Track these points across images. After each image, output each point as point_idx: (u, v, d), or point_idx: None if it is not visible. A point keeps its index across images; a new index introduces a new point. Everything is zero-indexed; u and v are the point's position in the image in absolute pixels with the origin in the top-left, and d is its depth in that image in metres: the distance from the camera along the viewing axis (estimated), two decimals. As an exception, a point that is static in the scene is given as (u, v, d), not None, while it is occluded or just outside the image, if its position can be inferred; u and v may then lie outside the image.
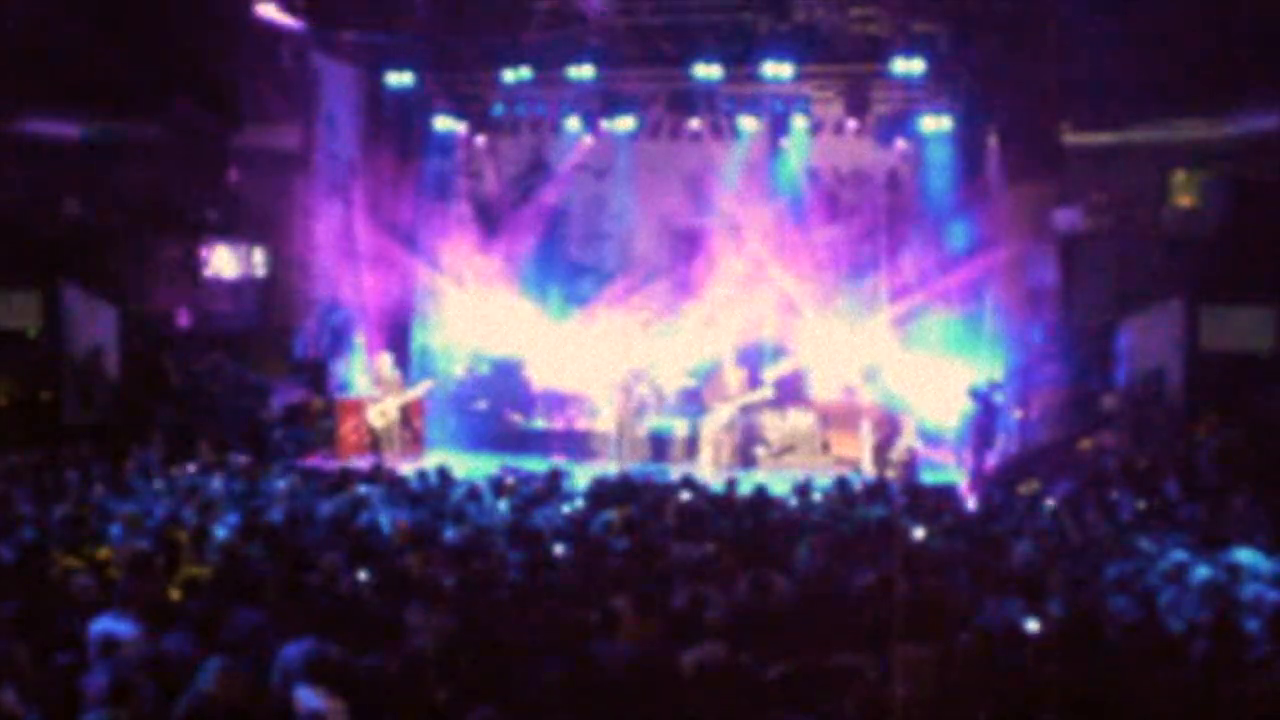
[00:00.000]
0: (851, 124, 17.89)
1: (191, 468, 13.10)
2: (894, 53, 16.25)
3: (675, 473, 13.75)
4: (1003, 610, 7.10)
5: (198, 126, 17.42)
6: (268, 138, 17.77)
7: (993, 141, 16.74)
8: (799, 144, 18.53)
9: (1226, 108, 16.03)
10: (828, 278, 18.96)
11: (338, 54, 17.54)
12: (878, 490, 12.21)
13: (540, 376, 18.86)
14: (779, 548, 9.00)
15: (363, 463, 14.74)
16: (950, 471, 15.75)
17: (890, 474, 15.03)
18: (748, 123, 18.21)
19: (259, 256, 18.05)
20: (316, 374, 17.77)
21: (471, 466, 14.73)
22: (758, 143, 18.61)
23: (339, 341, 18.28)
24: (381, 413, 16.16)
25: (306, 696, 5.44)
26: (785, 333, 18.75)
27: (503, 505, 11.09)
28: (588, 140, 19.10)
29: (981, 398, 15.62)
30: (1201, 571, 7.93)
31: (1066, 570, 8.39)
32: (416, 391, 16.83)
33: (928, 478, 15.04)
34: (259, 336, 18.01)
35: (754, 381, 17.08)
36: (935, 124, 17.42)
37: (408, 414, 16.76)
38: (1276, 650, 6.64)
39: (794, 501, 11.83)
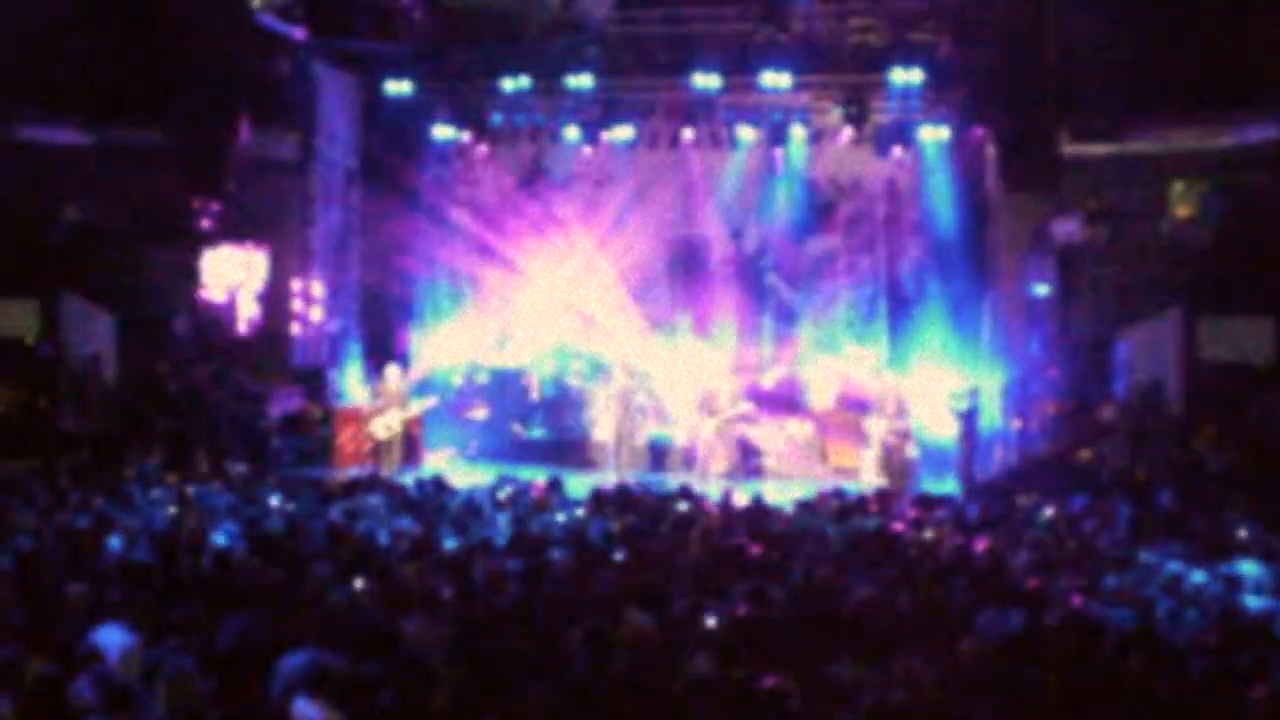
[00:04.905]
0: (850, 134, 17.90)
1: (189, 477, 13.08)
2: (892, 63, 16.28)
3: (674, 482, 13.73)
4: (1001, 620, 7.08)
5: (197, 134, 17.41)
6: (267, 145, 17.75)
7: (991, 151, 16.75)
8: (797, 153, 18.52)
9: (1225, 118, 16.04)
10: (825, 287, 18.95)
11: (337, 62, 17.56)
12: (875, 500, 12.20)
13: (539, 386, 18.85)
14: (776, 558, 8.98)
15: (360, 472, 14.70)
16: (949, 481, 15.73)
17: (892, 480, 15.04)
18: (746, 132, 18.21)
19: (257, 264, 18.03)
20: (314, 383, 17.74)
21: (470, 476, 14.71)
22: (756, 152, 18.61)
23: (336, 350, 18.26)
24: (386, 426, 16.11)
25: (304, 707, 5.42)
26: (780, 340, 18.77)
27: (501, 515, 11.07)
28: (587, 150, 19.09)
29: (964, 415, 15.65)
30: (1201, 582, 7.93)
31: (1065, 581, 8.38)
32: (421, 407, 16.80)
33: (925, 487, 15.02)
34: (257, 345, 17.99)
35: (751, 390, 17.13)
36: (933, 134, 17.43)
37: (407, 424, 16.73)
38: (1275, 659, 6.63)
39: (791, 511, 11.81)
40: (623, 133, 18.30)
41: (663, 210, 19.55)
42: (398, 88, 17.62)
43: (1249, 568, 8.50)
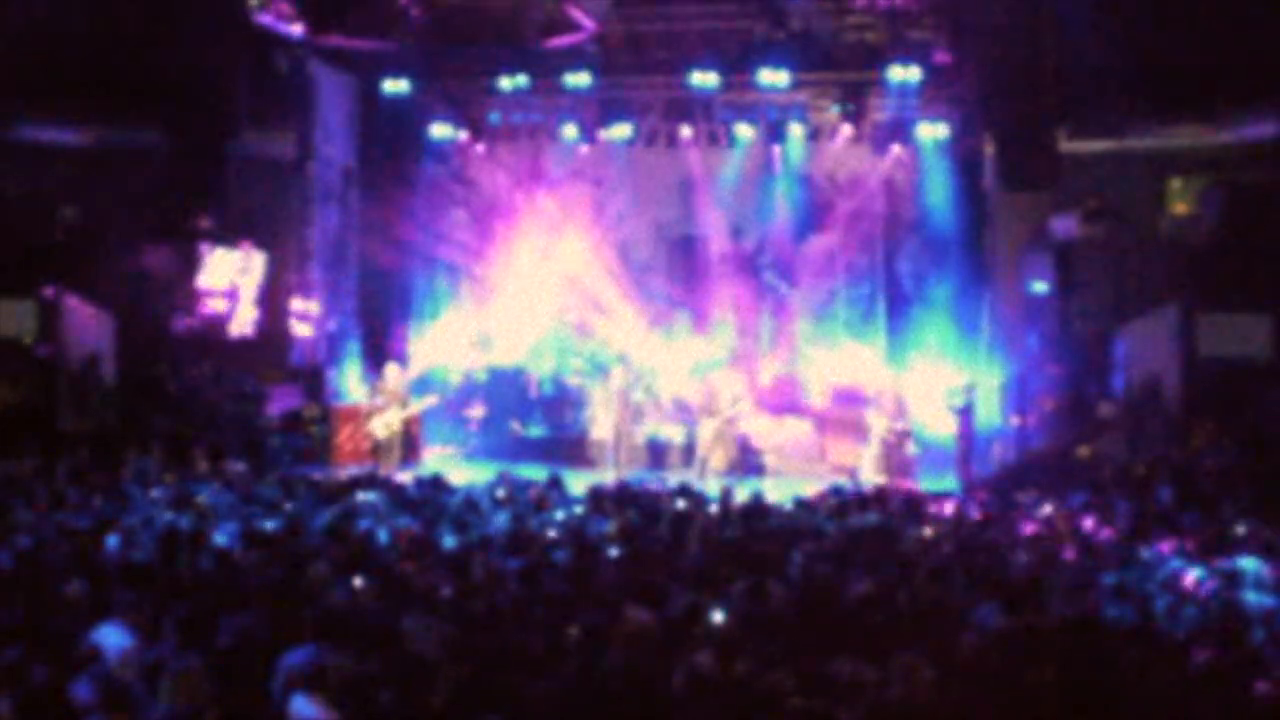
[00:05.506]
0: (848, 131, 17.91)
1: (188, 476, 13.07)
2: (890, 60, 16.29)
3: (672, 480, 13.73)
4: (999, 617, 7.09)
5: (194, 134, 17.41)
6: (265, 145, 17.77)
7: (989, 149, 16.75)
8: (795, 151, 18.55)
9: (1222, 115, 16.06)
10: (824, 285, 18.97)
11: (334, 61, 17.56)
12: (874, 497, 12.20)
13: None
14: (775, 555, 8.97)
15: (359, 471, 14.71)
16: (948, 478, 15.73)
17: (890, 478, 15.03)
18: (744, 130, 18.23)
19: (256, 263, 18.03)
20: (313, 381, 17.74)
21: (469, 474, 14.71)
22: (754, 150, 18.63)
23: (334, 349, 18.25)
24: (386, 424, 16.10)
25: (302, 705, 5.42)
26: (778, 338, 18.80)
27: (500, 513, 11.07)
28: (584, 148, 19.10)
29: (961, 412, 15.65)
30: (1201, 579, 7.93)
31: (1064, 577, 8.39)
32: (421, 405, 16.79)
33: (925, 485, 15.02)
34: (255, 344, 17.99)
35: (750, 388, 17.16)
36: (932, 131, 17.44)
37: (406, 423, 16.73)
38: (1276, 657, 6.64)
39: (790, 509, 11.81)
40: (620, 131, 18.31)
41: (661, 208, 19.58)
42: (395, 87, 17.63)
43: (1248, 564, 8.50)
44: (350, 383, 18.14)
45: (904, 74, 16.27)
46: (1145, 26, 15.37)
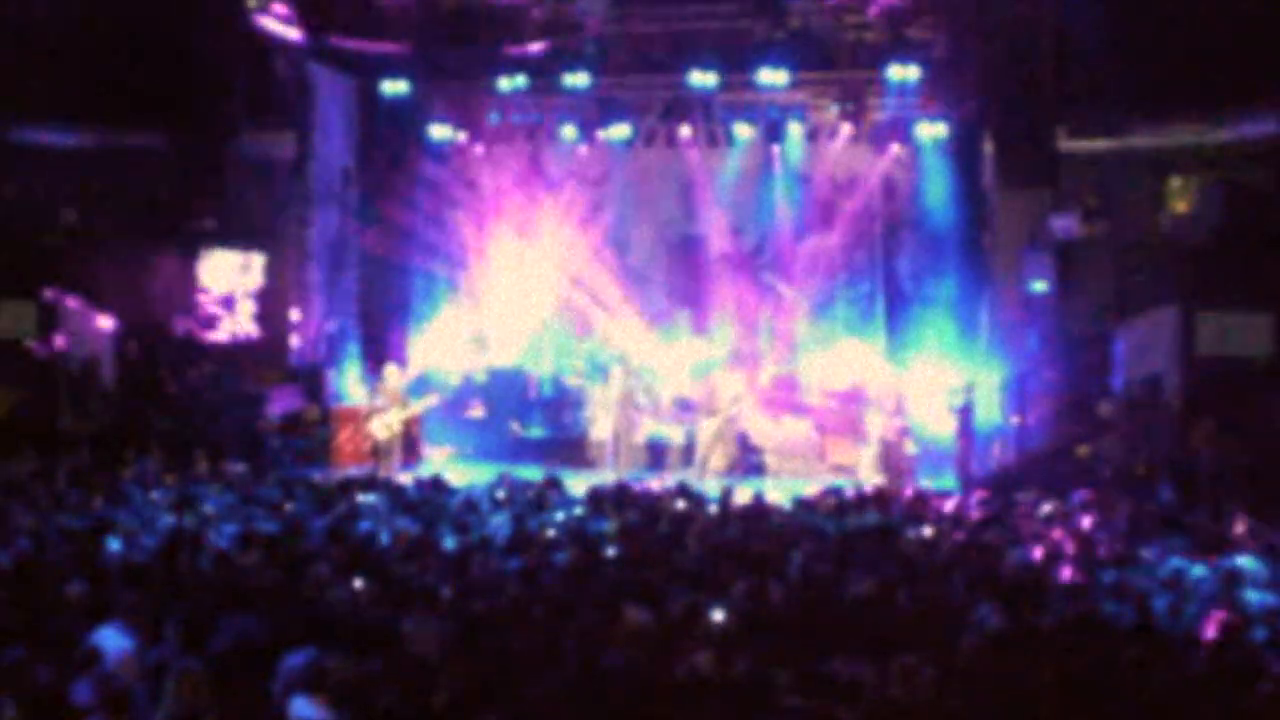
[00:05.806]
0: (847, 130, 17.90)
1: (188, 477, 13.08)
2: (889, 59, 16.27)
3: (672, 481, 13.74)
4: (999, 617, 7.09)
5: (194, 134, 17.43)
6: (264, 146, 17.76)
7: (988, 148, 16.75)
8: (794, 151, 18.54)
9: (1222, 114, 16.06)
10: (823, 284, 18.96)
11: (333, 63, 17.55)
12: (874, 497, 12.21)
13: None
14: (775, 555, 8.98)
15: (359, 472, 14.71)
16: (947, 478, 15.73)
17: (889, 477, 15.03)
18: (743, 130, 18.22)
19: (255, 265, 18.04)
20: (313, 382, 17.74)
21: (469, 475, 14.71)
22: (753, 150, 18.62)
23: (334, 350, 18.25)
24: (386, 425, 16.09)
25: (303, 707, 5.43)
26: (778, 338, 18.79)
27: (499, 514, 11.07)
28: (583, 149, 19.10)
29: (960, 411, 15.64)
30: (1201, 578, 7.94)
31: (1064, 577, 8.39)
32: (421, 406, 16.77)
33: (925, 484, 15.02)
34: (255, 345, 18.00)
35: (750, 388, 17.14)
36: (931, 130, 17.43)
37: (406, 424, 16.72)
38: (1276, 656, 6.64)
39: (790, 509, 11.81)
40: (619, 131, 18.30)
41: (660, 208, 19.58)
42: (394, 88, 17.62)
43: (1248, 563, 8.51)
44: (350, 384, 18.13)
45: (903, 73, 16.25)
46: (1145, 26, 15.36)
